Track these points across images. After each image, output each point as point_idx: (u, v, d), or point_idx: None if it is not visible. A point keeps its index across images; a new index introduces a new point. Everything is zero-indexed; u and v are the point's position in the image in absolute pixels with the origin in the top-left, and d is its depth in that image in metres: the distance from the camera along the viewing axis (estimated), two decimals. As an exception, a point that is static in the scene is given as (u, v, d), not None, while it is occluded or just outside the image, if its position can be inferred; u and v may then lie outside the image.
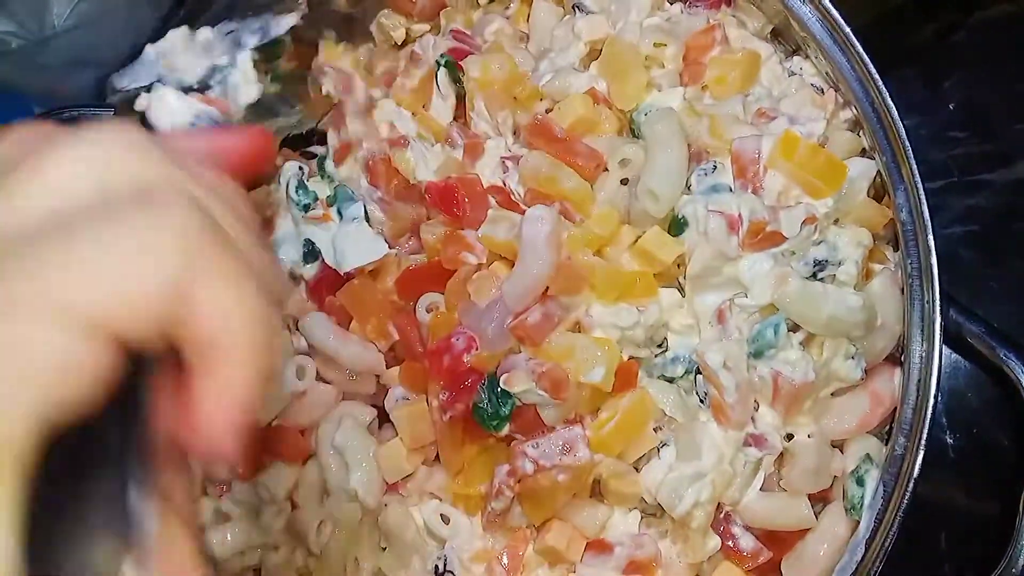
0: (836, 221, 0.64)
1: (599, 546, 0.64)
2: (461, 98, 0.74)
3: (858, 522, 0.61)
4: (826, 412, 0.64)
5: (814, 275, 0.62)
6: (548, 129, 0.66)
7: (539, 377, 0.61)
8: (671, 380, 0.64)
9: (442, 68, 0.73)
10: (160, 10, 0.94)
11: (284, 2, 0.71)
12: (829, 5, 0.63)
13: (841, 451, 0.64)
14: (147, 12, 0.93)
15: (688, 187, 0.65)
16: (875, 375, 0.64)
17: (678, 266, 0.64)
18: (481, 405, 0.63)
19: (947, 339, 0.59)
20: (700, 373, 0.64)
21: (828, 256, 0.62)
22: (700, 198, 0.63)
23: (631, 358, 0.64)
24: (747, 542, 0.63)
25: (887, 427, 0.64)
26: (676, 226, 0.63)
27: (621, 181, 0.66)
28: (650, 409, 0.63)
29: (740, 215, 0.61)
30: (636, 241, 0.64)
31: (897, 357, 0.64)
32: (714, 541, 0.64)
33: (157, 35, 0.72)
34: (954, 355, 0.73)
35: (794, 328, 0.62)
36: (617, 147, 0.66)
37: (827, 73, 0.66)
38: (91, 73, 0.93)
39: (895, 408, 0.62)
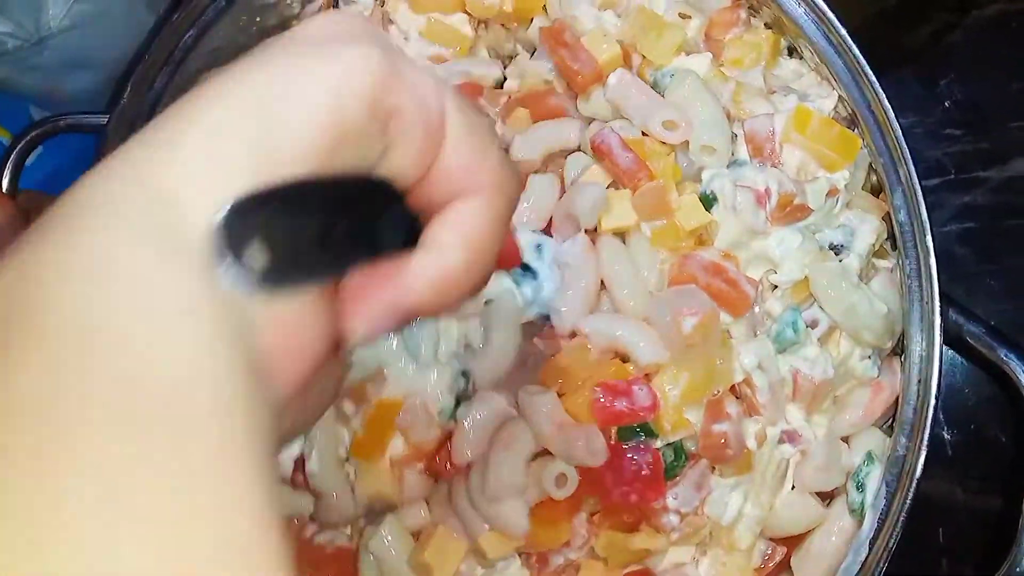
0: (848, 204, 0.65)
1: (641, 576, 0.62)
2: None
3: (862, 520, 0.61)
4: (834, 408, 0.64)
5: (829, 258, 0.63)
6: (559, 33, 0.66)
7: None
8: None
9: None
10: (157, 11, 0.94)
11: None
12: (824, 6, 0.62)
13: (847, 446, 0.64)
14: (144, 13, 0.93)
15: None
16: (875, 366, 0.64)
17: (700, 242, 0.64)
18: (669, 462, 0.59)
19: (946, 339, 0.59)
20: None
21: (844, 240, 0.63)
22: (727, 172, 0.63)
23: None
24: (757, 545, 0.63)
25: (889, 421, 0.64)
26: (705, 201, 0.63)
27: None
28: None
29: (768, 189, 0.62)
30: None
31: (898, 351, 0.64)
32: (756, 561, 0.63)
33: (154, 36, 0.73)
34: (951, 351, 0.73)
35: (812, 324, 0.62)
36: (657, 108, 0.64)
37: (826, 79, 0.66)
38: (88, 74, 0.93)
39: (897, 398, 0.62)
